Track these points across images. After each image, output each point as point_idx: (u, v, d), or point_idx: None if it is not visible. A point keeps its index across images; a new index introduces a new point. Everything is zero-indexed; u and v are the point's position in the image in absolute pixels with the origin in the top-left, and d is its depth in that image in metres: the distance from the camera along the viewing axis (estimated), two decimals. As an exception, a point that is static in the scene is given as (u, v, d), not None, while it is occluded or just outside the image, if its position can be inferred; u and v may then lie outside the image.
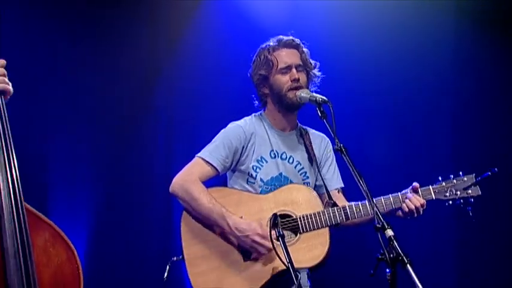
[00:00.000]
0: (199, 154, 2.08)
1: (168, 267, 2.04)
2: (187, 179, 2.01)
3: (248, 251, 1.99)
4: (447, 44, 3.40)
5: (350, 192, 2.19)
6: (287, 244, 1.89)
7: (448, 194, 1.95)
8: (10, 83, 1.45)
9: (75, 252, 1.48)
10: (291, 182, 2.11)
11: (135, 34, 3.18)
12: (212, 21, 3.40)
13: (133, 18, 3.17)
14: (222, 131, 2.14)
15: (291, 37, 2.13)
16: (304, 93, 2.02)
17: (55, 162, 2.97)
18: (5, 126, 1.42)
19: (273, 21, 3.33)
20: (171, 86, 3.29)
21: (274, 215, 1.66)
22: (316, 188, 2.19)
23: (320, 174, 2.14)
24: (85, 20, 3.10)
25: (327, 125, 1.75)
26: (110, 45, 3.11)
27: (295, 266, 1.94)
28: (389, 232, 1.38)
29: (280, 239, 1.60)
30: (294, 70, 2.08)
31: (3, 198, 1.35)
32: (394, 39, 3.29)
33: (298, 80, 2.07)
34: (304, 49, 2.13)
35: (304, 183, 2.14)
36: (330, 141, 2.22)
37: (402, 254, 1.32)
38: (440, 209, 2.07)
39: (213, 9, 3.40)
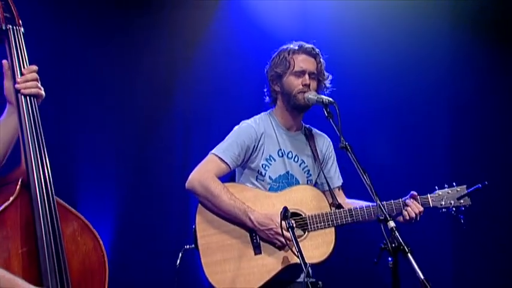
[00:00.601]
0: (213, 151, 2.15)
1: (180, 254, 2.13)
2: (206, 176, 2.08)
3: (261, 245, 2.07)
4: (443, 47, 3.42)
5: (349, 187, 2.29)
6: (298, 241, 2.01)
7: (443, 203, 2.11)
8: (42, 88, 1.52)
9: (101, 242, 1.54)
10: (297, 180, 2.19)
11: (155, 37, 3.30)
12: (226, 26, 3.49)
13: (153, 24, 3.29)
14: (235, 129, 2.21)
15: (311, 45, 2.21)
16: (311, 95, 2.11)
17: (83, 159, 3.11)
18: (38, 127, 1.49)
19: (284, 24, 3.43)
20: (187, 88, 3.44)
21: (285, 208, 1.73)
22: (317, 185, 2.27)
23: (323, 173, 2.22)
24: (110, 25, 3.22)
25: (333, 125, 1.84)
26: (133, 49, 3.24)
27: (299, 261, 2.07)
28: (391, 223, 1.44)
29: (290, 230, 1.68)
30: (306, 76, 2.16)
31: (37, 192, 1.43)
32: (391, 43, 3.32)
33: (308, 86, 2.15)
34: (321, 60, 2.21)
35: (307, 180, 2.22)
36: (331, 141, 2.31)
37: (403, 244, 1.39)
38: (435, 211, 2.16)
39: (227, 14, 3.49)
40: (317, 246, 2.06)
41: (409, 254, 1.38)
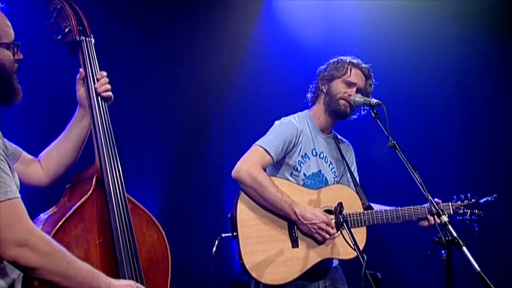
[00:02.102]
0: (259, 143, 2.17)
1: (216, 242, 2.19)
2: (254, 167, 2.11)
3: (299, 239, 2.13)
4: (451, 49, 3.49)
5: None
6: (331, 237, 2.11)
7: (461, 211, 2.28)
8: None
9: (164, 234, 1.63)
10: (326, 179, 2.27)
11: (193, 39, 3.46)
12: (259, 27, 3.62)
13: (190, 26, 3.44)
14: (277, 124, 2.26)
15: (368, 66, 2.30)
16: (358, 98, 2.17)
17: (129, 156, 3.25)
18: (109, 128, 1.58)
19: (313, 28, 3.54)
20: (221, 88, 3.62)
21: (340, 203, 1.81)
22: None
23: (352, 175, 2.30)
24: (155, 30, 3.38)
25: (381, 125, 1.89)
26: (173, 51, 3.39)
27: (335, 256, 2.17)
28: (444, 218, 1.49)
29: (344, 224, 1.74)
30: (354, 89, 2.23)
31: (111, 187, 1.52)
32: (400, 45, 3.39)
33: None
34: (371, 81, 2.30)
35: (334, 181, 2.30)
36: (352, 148, 2.43)
37: (458, 237, 1.44)
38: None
39: (263, 21, 3.63)
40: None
41: (464, 247, 1.43)
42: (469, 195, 2.30)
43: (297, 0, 3.61)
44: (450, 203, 2.29)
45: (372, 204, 2.28)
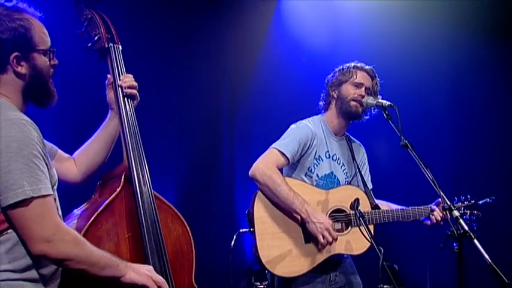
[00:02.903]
0: (275, 146, 2.28)
1: (234, 237, 2.28)
2: (269, 167, 2.21)
3: (311, 235, 2.19)
4: (443, 50, 3.58)
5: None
6: (341, 234, 2.22)
7: (461, 212, 2.36)
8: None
9: (188, 228, 1.71)
10: (338, 180, 2.35)
11: (206, 43, 3.59)
12: (271, 31, 3.75)
13: (203, 32, 3.57)
14: (293, 128, 2.35)
15: (371, 67, 2.40)
16: (370, 100, 2.25)
17: (150, 155, 3.41)
18: (136, 128, 1.66)
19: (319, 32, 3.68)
20: (233, 89, 3.78)
21: (357, 199, 1.90)
22: None
23: (362, 176, 2.39)
24: (174, 33, 3.51)
25: (393, 125, 1.96)
26: (189, 60, 3.55)
27: (345, 252, 2.26)
28: (456, 213, 1.55)
29: (361, 219, 1.81)
30: (363, 89, 2.34)
31: (142, 185, 1.61)
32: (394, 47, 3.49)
33: (362, 97, 2.33)
34: (377, 80, 2.40)
35: (345, 182, 2.39)
36: (364, 149, 2.52)
37: (469, 231, 1.50)
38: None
39: (272, 23, 3.76)
40: (359, 241, 2.20)
41: (475, 240, 1.49)
42: (468, 196, 2.40)
43: (305, 5, 3.78)
44: (451, 204, 2.37)
45: (381, 202, 2.39)
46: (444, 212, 2.16)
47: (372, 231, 2.22)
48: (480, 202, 2.37)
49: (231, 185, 3.71)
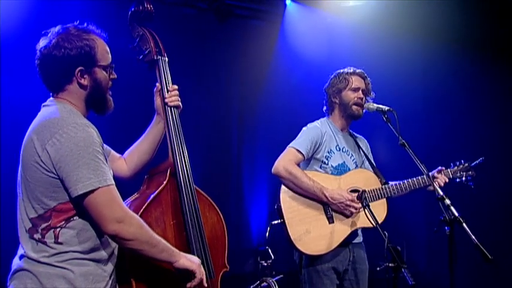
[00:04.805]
0: (292, 145, 2.60)
1: (269, 228, 2.55)
2: (289, 163, 2.53)
3: (332, 217, 2.51)
4: (416, 63, 4.09)
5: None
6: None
7: (458, 175, 2.71)
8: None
9: (221, 216, 1.91)
10: (349, 168, 2.67)
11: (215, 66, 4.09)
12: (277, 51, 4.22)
13: (216, 49, 4.06)
14: (305, 129, 2.69)
15: (361, 70, 2.72)
16: (371, 106, 2.54)
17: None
18: (180, 130, 1.85)
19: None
20: (241, 96, 4.28)
21: (363, 191, 2.21)
22: None
23: (369, 160, 2.72)
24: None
25: (391, 127, 2.26)
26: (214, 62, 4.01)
27: (363, 226, 2.56)
28: (447, 201, 1.84)
29: (367, 208, 2.09)
30: (360, 92, 2.67)
31: (185, 178, 1.80)
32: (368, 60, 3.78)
33: (362, 99, 2.67)
34: (369, 80, 2.72)
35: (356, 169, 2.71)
36: (367, 141, 2.86)
37: (459, 216, 1.78)
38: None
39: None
40: (376, 213, 2.43)
41: (464, 224, 1.77)
42: (462, 161, 2.71)
43: (304, 27, 4.39)
44: (449, 169, 2.71)
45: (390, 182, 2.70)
46: (444, 176, 2.56)
47: (385, 205, 2.54)
48: (472, 164, 2.69)
49: (239, 182, 4.12)
